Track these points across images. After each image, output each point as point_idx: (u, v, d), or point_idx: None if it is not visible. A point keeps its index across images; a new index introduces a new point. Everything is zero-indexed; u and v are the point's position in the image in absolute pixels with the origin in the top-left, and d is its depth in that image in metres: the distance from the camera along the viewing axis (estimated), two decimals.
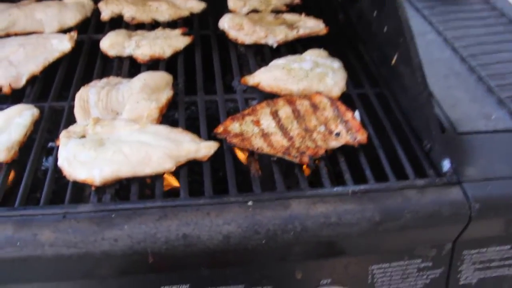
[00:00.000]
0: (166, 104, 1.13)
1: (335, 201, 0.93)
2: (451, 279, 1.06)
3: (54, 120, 1.15)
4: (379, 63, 1.33)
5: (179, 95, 1.19)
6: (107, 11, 1.44)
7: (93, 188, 0.97)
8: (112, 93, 1.14)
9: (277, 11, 1.50)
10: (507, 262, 1.07)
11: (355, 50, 1.42)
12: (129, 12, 1.43)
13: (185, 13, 1.48)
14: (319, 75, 1.19)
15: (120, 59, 1.31)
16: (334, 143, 1.05)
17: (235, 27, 1.35)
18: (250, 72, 1.26)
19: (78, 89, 1.17)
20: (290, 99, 1.14)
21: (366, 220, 0.92)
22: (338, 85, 1.19)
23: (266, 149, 1.01)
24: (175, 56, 1.31)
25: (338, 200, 0.93)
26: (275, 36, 1.34)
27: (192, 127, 1.12)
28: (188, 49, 1.35)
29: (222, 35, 1.39)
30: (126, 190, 1.01)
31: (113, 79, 1.21)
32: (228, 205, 0.92)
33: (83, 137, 1.04)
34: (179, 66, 1.29)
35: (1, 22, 1.36)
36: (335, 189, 0.96)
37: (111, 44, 1.29)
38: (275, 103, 1.13)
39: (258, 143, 1.03)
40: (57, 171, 1.00)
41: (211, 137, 1.07)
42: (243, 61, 1.39)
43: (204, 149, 1.02)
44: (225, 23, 1.37)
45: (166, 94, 1.15)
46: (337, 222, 0.91)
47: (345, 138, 1.06)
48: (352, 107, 1.19)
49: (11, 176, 1.02)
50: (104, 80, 1.20)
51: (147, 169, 0.98)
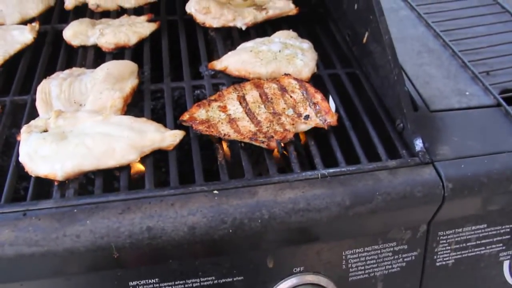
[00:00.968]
0: (131, 93, 1.10)
1: (304, 186, 0.91)
2: (427, 261, 1.04)
3: (16, 114, 1.12)
4: (351, 42, 1.30)
5: (145, 84, 1.16)
6: None
7: (55, 183, 0.94)
8: (75, 84, 1.10)
9: None
10: (483, 241, 1.06)
11: (327, 29, 1.39)
12: None
13: None
14: (288, 56, 1.16)
15: (84, 48, 1.27)
16: (303, 127, 1.02)
17: (202, 10, 1.31)
18: (219, 56, 1.23)
19: (41, 81, 1.13)
20: (257, 82, 1.11)
21: (336, 205, 0.89)
22: (308, 66, 1.16)
23: (233, 135, 0.99)
24: (141, 43, 1.27)
25: (306, 185, 0.91)
26: (244, 18, 1.31)
27: (163, 115, 1.09)
28: (155, 36, 1.31)
29: (190, 19, 1.35)
30: (93, 184, 0.98)
31: (76, 70, 1.17)
32: (193, 194, 0.89)
33: (46, 131, 1.01)
34: (145, 53, 1.25)
35: None
36: (303, 173, 0.94)
37: (74, 33, 1.25)
38: (242, 87, 1.10)
39: (225, 129, 1.00)
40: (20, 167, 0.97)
41: (177, 125, 1.04)
42: (213, 47, 1.35)
43: (169, 138, 0.99)
44: (192, 7, 1.33)
45: (130, 83, 1.11)
46: (305, 207, 0.88)
47: (314, 121, 1.03)
48: (323, 88, 1.16)
49: None
50: (67, 72, 1.16)
51: (110, 161, 0.95)
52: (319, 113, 1.05)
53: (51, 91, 1.09)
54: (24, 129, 1.01)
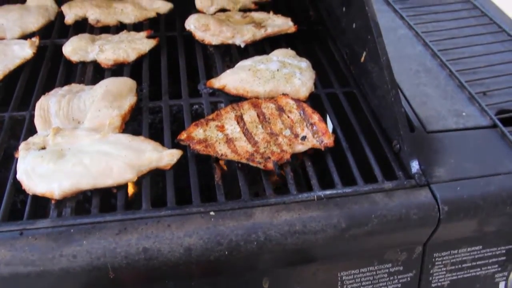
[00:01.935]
0: (129, 111, 1.11)
1: (300, 208, 0.91)
2: (422, 282, 1.05)
3: (15, 129, 1.12)
4: (349, 60, 1.31)
5: (143, 101, 1.16)
6: (70, 14, 1.40)
7: (53, 202, 0.94)
8: (74, 101, 1.11)
9: (245, 10, 1.47)
10: (479, 263, 1.06)
11: (325, 47, 1.39)
12: (93, 14, 1.40)
13: (152, 14, 1.44)
14: (286, 75, 1.17)
15: (83, 64, 1.27)
16: (300, 147, 1.03)
17: (201, 27, 1.32)
18: (218, 74, 1.23)
19: (39, 97, 1.14)
20: (255, 102, 1.12)
21: (332, 227, 0.90)
22: (305, 85, 1.17)
23: (230, 155, 0.99)
24: (140, 59, 1.28)
25: (303, 207, 0.91)
26: (242, 36, 1.32)
27: (160, 133, 1.09)
28: (154, 52, 1.31)
29: (189, 36, 1.36)
30: (90, 202, 0.98)
31: (75, 86, 1.17)
32: (190, 216, 0.89)
33: (44, 148, 1.02)
34: (144, 70, 1.25)
35: None
36: (300, 195, 0.94)
37: (74, 49, 1.26)
38: (240, 106, 1.10)
39: (222, 149, 1.00)
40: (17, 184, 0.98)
41: (175, 144, 1.04)
42: (212, 62, 1.36)
43: (167, 157, 0.99)
44: (191, 23, 1.34)
45: (129, 101, 1.12)
46: (301, 230, 0.89)
47: (311, 142, 1.04)
48: (321, 108, 1.17)
49: None
50: (66, 88, 1.16)
51: (108, 180, 0.96)
52: (316, 134, 1.05)
53: (49, 108, 1.09)
54: (22, 146, 1.01)
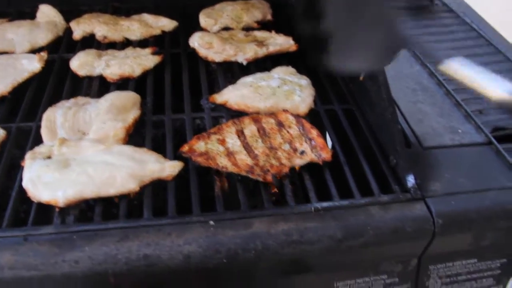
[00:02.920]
0: (133, 124, 1.14)
1: (297, 219, 0.94)
2: None
3: (21, 140, 1.15)
4: (348, 79, 1.34)
5: (147, 114, 1.20)
6: (78, 30, 1.45)
7: (57, 209, 0.97)
8: (79, 113, 1.14)
9: (248, 28, 1.51)
10: (474, 276, 1.08)
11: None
12: (100, 31, 1.44)
13: (157, 31, 1.48)
14: (286, 92, 1.20)
15: (90, 78, 1.31)
16: (298, 161, 1.06)
17: (205, 45, 1.36)
18: (220, 89, 1.27)
19: (46, 109, 1.17)
20: (256, 117, 1.15)
21: (328, 238, 0.92)
22: (305, 102, 1.20)
23: (231, 168, 1.02)
24: (145, 75, 1.32)
25: (300, 218, 0.94)
26: (245, 54, 1.35)
27: (163, 146, 1.12)
28: (159, 68, 1.35)
29: (193, 53, 1.40)
30: (92, 210, 1.01)
31: (81, 99, 1.21)
32: (190, 225, 0.92)
33: (49, 157, 1.04)
34: (148, 85, 1.29)
35: None
36: (297, 207, 0.97)
37: (81, 64, 1.30)
38: (241, 121, 1.13)
39: (223, 162, 1.03)
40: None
41: (177, 156, 1.07)
42: (215, 78, 1.40)
43: (169, 168, 1.02)
44: (195, 41, 1.38)
45: (133, 114, 1.15)
46: (298, 240, 0.91)
47: (309, 156, 1.06)
48: (320, 124, 1.19)
49: None
50: (72, 101, 1.20)
51: (111, 189, 0.98)
52: (314, 148, 1.08)
53: (56, 119, 1.13)
54: (28, 155, 1.04)
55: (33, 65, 1.30)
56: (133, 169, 1.00)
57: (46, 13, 1.51)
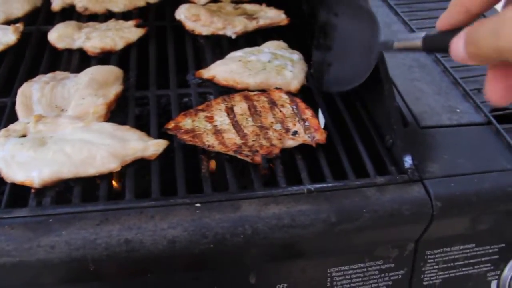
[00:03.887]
0: (115, 99, 1.07)
1: (289, 202, 0.88)
2: (414, 280, 1.02)
3: None
4: None
5: (130, 90, 1.13)
6: (57, 1, 1.37)
7: (32, 191, 0.91)
8: (57, 88, 1.07)
9: (237, 1, 1.44)
10: (472, 261, 1.04)
11: None
12: (81, 2, 1.36)
13: (141, 3, 1.40)
14: (277, 67, 1.14)
15: (69, 52, 1.23)
16: (290, 142, 1.00)
17: (191, 17, 1.29)
18: (207, 65, 1.20)
19: (22, 83, 1.10)
20: (247, 94, 1.09)
21: (321, 221, 0.87)
22: (297, 78, 1.14)
23: (218, 147, 0.96)
24: (128, 48, 1.24)
25: (292, 200, 0.88)
26: (234, 27, 1.28)
27: (147, 124, 1.06)
28: (142, 41, 1.28)
29: (179, 26, 1.33)
30: (72, 192, 0.95)
31: (59, 73, 1.14)
32: (175, 207, 0.86)
33: (24, 136, 0.98)
34: (131, 59, 1.22)
35: None
36: (289, 188, 0.91)
37: (60, 36, 1.22)
38: (232, 98, 1.07)
39: (210, 140, 0.97)
40: None
41: (161, 134, 1.01)
42: (202, 53, 1.33)
43: (152, 147, 0.96)
44: (181, 13, 1.31)
45: (114, 90, 1.08)
46: (290, 223, 0.86)
47: (302, 138, 1.00)
48: (313, 102, 1.14)
49: None
50: (50, 75, 1.13)
51: (90, 169, 0.92)
52: (308, 130, 1.02)
53: (32, 94, 1.06)
54: (1, 133, 0.97)
55: (7, 36, 1.22)
56: (114, 147, 0.93)
57: None
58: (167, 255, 0.82)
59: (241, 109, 1.05)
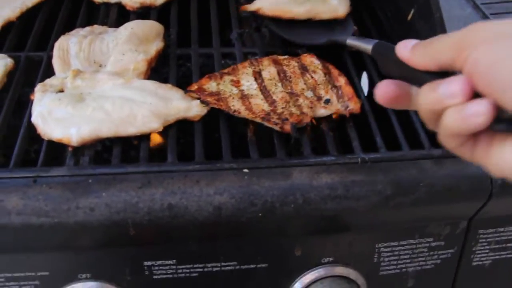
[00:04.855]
0: (156, 56, 1.01)
1: (342, 171, 0.82)
2: (463, 259, 0.96)
3: (31, 72, 1.03)
4: (393, 19, 1.20)
5: (171, 48, 1.07)
6: None
7: (70, 149, 0.86)
8: (96, 43, 1.02)
9: None
10: None
11: (368, 6, 1.29)
12: None
13: None
14: None
15: (107, 5, 1.18)
16: (322, 111, 0.93)
17: None
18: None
19: (59, 37, 1.05)
20: (276, 58, 1.02)
21: (376, 193, 0.81)
22: (343, 4, 1.13)
23: (244, 113, 0.89)
24: (168, 4, 1.18)
25: (345, 170, 0.82)
26: None
27: (188, 82, 1.00)
28: None
29: None
30: (109, 152, 0.90)
31: (97, 27, 1.08)
32: (221, 172, 0.81)
33: (61, 91, 0.93)
34: (172, 15, 1.16)
35: None
36: (342, 157, 0.85)
37: None
38: (260, 62, 1.00)
39: (236, 105, 0.91)
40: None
41: None
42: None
43: (196, 107, 0.90)
44: None
45: (155, 46, 1.03)
46: (343, 194, 0.80)
47: (335, 106, 0.93)
48: (361, 63, 1.08)
49: None
50: (88, 29, 1.07)
51: (130, 128, 0.87)
52: (341, 98, 0.95)
53: (69, 48, 1.01)
54: (38, 87, 0.93)
55: None
56: (156, 106, 0.88)
57: None
58: (212, 222, 0.78)
59: (269, 73, 0.98)
